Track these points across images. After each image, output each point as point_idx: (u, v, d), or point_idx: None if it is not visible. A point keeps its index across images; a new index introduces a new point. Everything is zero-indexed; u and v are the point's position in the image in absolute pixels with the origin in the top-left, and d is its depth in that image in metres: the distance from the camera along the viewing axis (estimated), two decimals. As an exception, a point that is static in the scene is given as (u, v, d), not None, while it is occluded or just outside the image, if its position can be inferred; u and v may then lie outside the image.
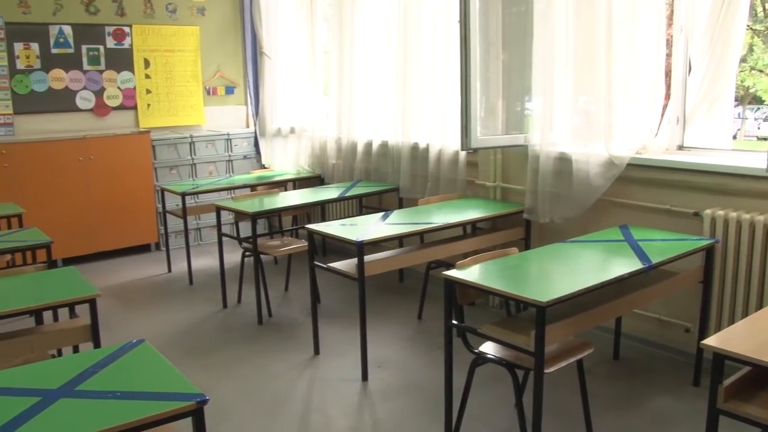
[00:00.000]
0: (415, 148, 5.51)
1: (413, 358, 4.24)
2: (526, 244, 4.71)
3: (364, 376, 3.96)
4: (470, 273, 3.06)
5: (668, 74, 4.18)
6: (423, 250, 4.54)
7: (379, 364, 4.14)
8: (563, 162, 4.37)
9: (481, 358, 3.04)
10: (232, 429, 3.44)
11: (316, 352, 4.35)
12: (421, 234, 4.60)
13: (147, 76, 7.38)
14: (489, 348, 3.08)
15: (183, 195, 5.81)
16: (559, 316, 2.94)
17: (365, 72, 6.00)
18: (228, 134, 7.46)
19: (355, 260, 3.93)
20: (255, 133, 7.56)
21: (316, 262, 4.22)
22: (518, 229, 4.72)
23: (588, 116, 4.34)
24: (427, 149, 5.38)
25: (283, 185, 6.30)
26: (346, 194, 5.44)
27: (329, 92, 6.51)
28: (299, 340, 4.57)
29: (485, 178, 5.02)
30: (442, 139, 5.24)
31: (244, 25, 7.74)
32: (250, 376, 4.05)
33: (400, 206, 5.57)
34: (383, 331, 4.67)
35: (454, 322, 3.08)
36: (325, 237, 4.33)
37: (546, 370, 2.76)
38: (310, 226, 4.24)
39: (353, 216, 5.91)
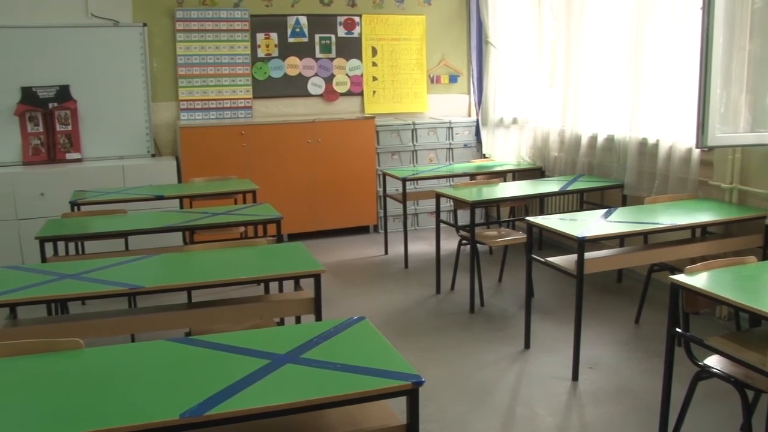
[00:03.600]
0: (643, 143, 5.24)
1: (628, 362, 4.05)
2: (764, 253, 4.31)
3: (575, 376, 3.85)
4: (700, 279, 2.86)
5: None
6: (647, 251, 4.32)
7: (591, 365, 4.00)
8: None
9: (706, 372, 2.84)
10: (437, 412, 3.49)
11: (527, 346, 4.29)
12: (645, 234, 4.39)
13: (374, 64, 7.65)
14: (715, 362, 2.86)
15: (404, 180, 5.97)
16: (802, 336, 2.67)
17: (593, 63, 5.78)
18: (450, 122, 7.54)
19: (574, 256, 3.82)
20: (477, 122, 7.57)
21: (533, 256, 4.15)
22: (756, 237, 4.33)
23: None
24: (656, 145, 5.10)
25: (502, 176, 6.26)
26: (567, 188, 5.30)
27: (554, 83, 6.36)
28: (510, 333, 4.53)
29: (720, 178, 4.65)
30: (674, 135, 4.93)
31: (470, 15, 7.77)
32: (459, 364, 4.08)
33: (624, 204, 5.34)
34: (597, 331, 4.50)
35: (678, 330, 2.90)
36: (544, 230, 4.24)
37: (783, 394, 2.52)
38: (529, 218, 4.18)
39: (573, 211, 5.74)
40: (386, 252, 6.62)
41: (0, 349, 2.28)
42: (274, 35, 7.28)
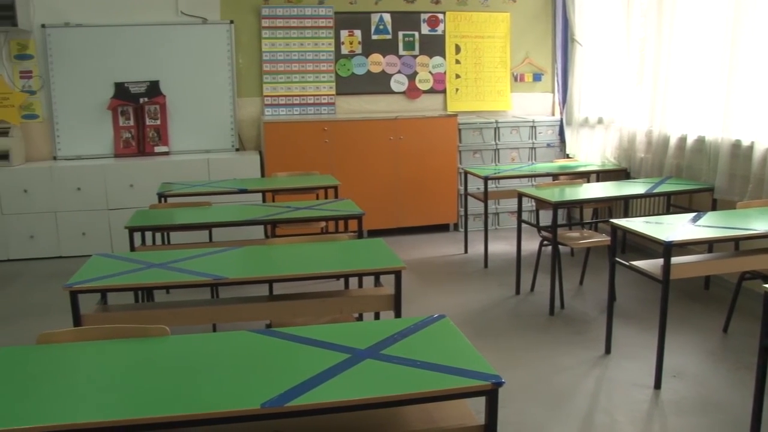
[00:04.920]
0: (736, 145, 5.04)
1: (714, 373, 3.90)
2: None
3: (657, 384, 3.73)
4: (797, 289, 2.73)
5: None
6: (738, 257, 4.15)
7: (674, 373, 3.87)
8: None
9: (802, 386, 2.71)
10: (515, 414, 3.44)
11: (607, 351, 4.19)
12: (736, 240, 4.22)
13: (457, 62, 7.62)
14: (811, 376, 2.73)
15: (485, 179, 5.92)
16: None
17: (684, 60, 5.59)
18: (533, 121, 7.43)
19: (660, 261, 3.70)
20: (561, 121, 7.44)
21: (617, 259, 4.05)
22: None
23: None
24: (751, 147, 4.89)
25: (586, 176, 6.14)
26: (654, 190, 5.14)
27: (642, 82, 6.18)
28: (590, 336, 4.44)
29: (820, 183, 4.44)
30: (771, 137, 4.74)
31: (555, 12, 7.65)
32: (537, 366, 4.01)
33: (713, 208, 5.15)
34: (682, 339, 4.36)
35: (772, 341, 2.78)
36: (629, 233, 4.13)
37: None
38: (614, 220, 4.07)
39: (659, 214, 5.59)
40: (466, 251, 6.59)
41: (94, 333, 2.38)
42: (357, 32, 7.34)
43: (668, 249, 3.60)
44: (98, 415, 1.80)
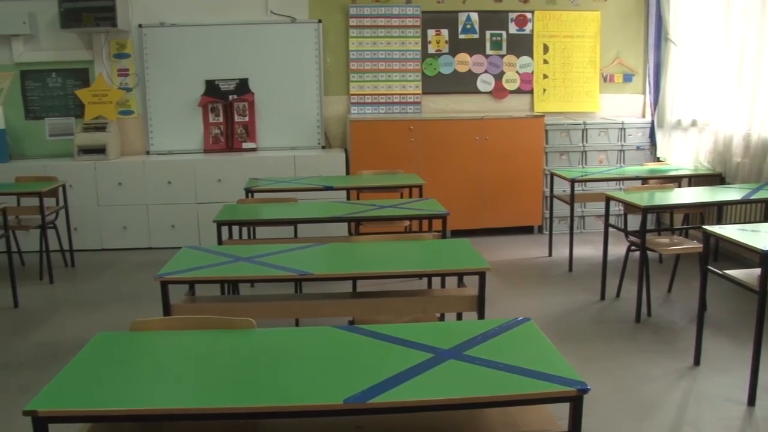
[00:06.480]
0: (843, 151, 4.80)
1: (814, 390, 3.71)
2: None
3: (751, 401, 3.56)
4: None
5: None
6: (841, 269, 3.93)
7: (770, 389, 3.71)
8: None
9: None
10: (598, 423, 3.36)
11: (696, 362, 4.04)
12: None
13: (545, 62, 7.50)
14: None
15: (572, 181, 5.81)
16: None
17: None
18: (622, 123, 7.25)
19: (756, 271, 3.54)
20: (651, 123, 7.23)
21: (710, 267, 3.90)
22: None
23: None
24: None
25: (677, 181, 5.95)
26: (751, 197, 4.93)
27: (740, 82, 5.93)
28: (678, 347, 4.29)
29: None
30: None
31: (649, 10, 7.43)
32: (622, 374, 3.91)
33: (816, 216, 4.91)
34: (779, 353, 4.17)
35: None
36: (721, 241, 3.97)
37: None
38: (707, 227, 3.92)
39: (755, 222, 5.35)
40: (550, 254, 6.48)
41: (182, 323, 2.45)
42: (444, 31, 7.31)
43: (766, 258, 3.44)
44: (184, 402, 1.85)
